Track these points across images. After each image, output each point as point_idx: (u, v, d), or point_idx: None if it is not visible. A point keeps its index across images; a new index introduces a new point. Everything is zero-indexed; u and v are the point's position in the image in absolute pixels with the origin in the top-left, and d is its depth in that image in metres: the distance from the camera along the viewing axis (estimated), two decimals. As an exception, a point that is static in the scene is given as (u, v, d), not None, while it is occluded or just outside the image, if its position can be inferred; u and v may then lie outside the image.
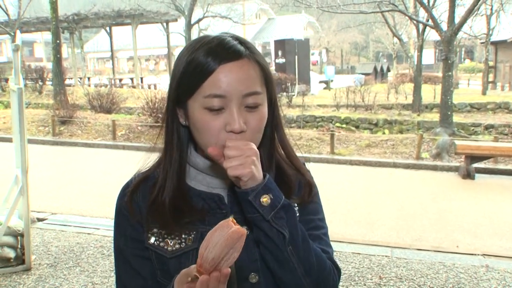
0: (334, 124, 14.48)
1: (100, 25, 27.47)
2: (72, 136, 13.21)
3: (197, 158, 1.12)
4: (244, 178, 0.97)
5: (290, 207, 1.04)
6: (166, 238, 1.09)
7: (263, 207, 0.99)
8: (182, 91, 1.06)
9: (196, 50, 1.04)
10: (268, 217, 1.00)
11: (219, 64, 1.01)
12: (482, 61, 30.42)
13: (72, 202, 7.20)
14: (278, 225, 1.01)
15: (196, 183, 1.12)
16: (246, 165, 0.97)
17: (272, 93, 1.11)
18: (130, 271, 1.13)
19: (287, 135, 1.20)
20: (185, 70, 1.04)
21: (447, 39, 11.45)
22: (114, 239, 1.17)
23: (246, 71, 1.03)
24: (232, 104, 1.01)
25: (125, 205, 1.14)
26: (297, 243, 1.03)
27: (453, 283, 4.29)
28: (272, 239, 1.01)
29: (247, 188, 0.99)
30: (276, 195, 1.01)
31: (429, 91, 18.37)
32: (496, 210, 6.99)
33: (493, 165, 9.67)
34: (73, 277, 4.38)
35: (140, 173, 1.19)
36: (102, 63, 55.74)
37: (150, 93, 13.98)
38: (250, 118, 1.03)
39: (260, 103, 1.05)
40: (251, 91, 1.03)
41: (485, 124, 13.53)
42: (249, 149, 0.99)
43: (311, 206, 1.19)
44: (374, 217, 6.63)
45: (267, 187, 1.00)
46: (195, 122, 1.05)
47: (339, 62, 56.13)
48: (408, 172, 9.67)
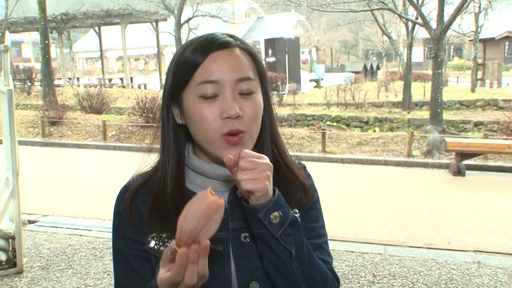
0: (325, 123, 14.50)
1: (89, 25, 27.30)
2: (62, 137, 13.12)
3: (195, 160, 1.11)
4: (258, 193, 0.95)
5: (297, 223, 1.02)
6: (166, 242, 1.07)
7: (272, 224, 0.97)
8: (176, 85, 1.06)
9: (185, 50, 1.05)
10: (276, 234, 0.98)
11: (208, 54, 1.01)
12: (470, 59, 30.63)
13: (63, 203, 7.15)
14: (285, 242, 0.99)
15: (195, 186, 1.10)
16: (261, 180, 0.95)
17: (266, 88, 1.11)
18: (130, 273, 1.12)
19: (280, 136, 1.19)
20: (176, 68, 1.05)
21: (436, 37, 11.50)
22: (113, 241, 1.15)
23: (237, 58, 1.03)
24: (225, 89, 1.01)
25: (124, 208, 1.12)
26: (303, 260, 1.02)
27: (445, 279, 4.31)
28: (279, 256, 1.00)
29: (257, 205, 0.96)
30: (285, 211, 0.99)
31: (419, 88, 18.45)
32: (486, 207, 7.04)
33: (483, 162, 9.75)
34: (66, 279, 4.35)
35: (139, 175, 1.17)
36: (91, 63, 55.42)
37: (140, 93, 13.92)
38: (245, 105, 1.02)
39: (254, 91, 1.04)
40: (243, 76, 1.02)
41: (474, 121, 13.61)
42: (265, 163, 0.96)
43: (312, 213, 1.17)
44: (366, 215, 6.65)
45: (277, 204, 0.98)
46: (190, 114, 1.04)
47: (329, 61, 56.25)
48: (399, 170, 9.71)
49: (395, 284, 4.22)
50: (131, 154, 11.20)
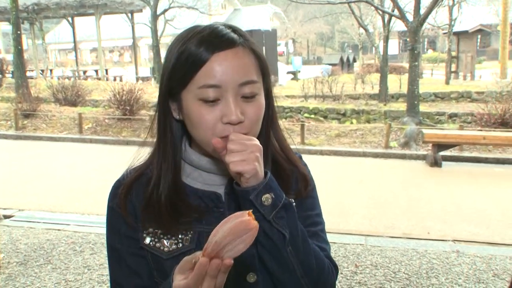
0: (303, 115, 14.56)
1: (62, 15, 26.73)
2: (37, 130, 12.85)
3: (192, 154, 1.08)
4: (247, 174, 0.94)
5: (291, 206, 1.01)
6: (162, 239, 1.05)
7: (264, 206, 0.96)
8: (175, 83, 1.01)
9: (187, 41, 1.00)
10: (269, 217, 0.96)
11: (212, 53, 0.97)
12: (444, 51, 31.08)
13: (39, 197, 7.01)
14: (278, 225, 0.98)
15: (192, 180, 1.08)
16: (249, 161, 0.93)
17: (268, 84, 1.08)
18: (125, 270, 1.09)
19: (280, 128, 1.17)
20: (177, 61, 1.00)
21: (413, 30, 11.62)
22: (107, 237, 1.12)
23: (241, 59, 0.99)
24: (228, 94, 0.97)
25: (118, 204, 1.08)
26: (297, 244, 1.01)
27: (426, 269, 4.37)
28: (272, 239, 0.98)
29: (248, 187, 0.95)
30: (277, 194, 0.98)
31: (395, 81, 18.66)
32: (463, 197, 7.17)
33: (459, 152, 9.92)
34: (45, 275, 4.27)
35: (132, 169, 1.13)
36: (64, 55, 54.38)
37: (117, 85, 13.73)
38: (247, 108, 1.00)
39: (257, 93, 1.01)
40: (247, 79, 0.99)
41: (449, 113, 13.86)
42: (253, 144, 0.95)
43: (308, 201, 1.16)
44: (346, 206, 6.70)
45: (268, 186, 0.97)
46: (189, 115, 1.00)
47: (305, 53, 56.37)
48: (378, 161, 9.81)
49: (377, 274, 4.26)
50: (108, 147, 11.07)
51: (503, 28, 24.18)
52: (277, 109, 1.16)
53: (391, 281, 4.11)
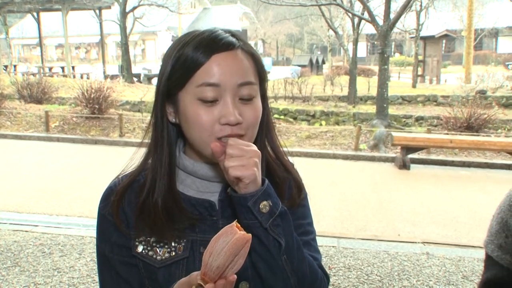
0: (273, 116, 14.55)
1: (27, 10, 26.03)
2: (1, 128, 12.47)
3: (185, 160, 1.07)
4: (246, 180, 0.93)
5: (287, 214, 1.01)
6: (154, 247, 1.04)
7: (262, 214, 0.96)
8: (172, 84, 1.00)
9: (186, 45, 1.00)
10: (266, 224, 0.96)
11: (211, 54, 0.97)
12: (411, 55, 31.70)
13: (5, 198, 6.80)
14: (275, 233, 0.97)
15: (185, 187, 1.07)
16: (248, 167, 0.93)
17: (264, 89, 1.08)
18: (116, 279, 1.07)
19: (276, 134, 1.17)
20: (175, 64, 1.00)
21: (383, 34, 11.81)
22: (97, 245, 1.10)
23: (240, 61, 1.00)
24: (226, 94, 0.97)
25: (110, 212, 1.06)
26: (292, 252, 1.00)
27: (398, 271, 4.45)
28: (268, 247, 0.98)
29: (247, 193, 0.94)
30: (274, 201, 0.98)
31: (363, 83, 18.93)
32: (431, 199, 7.32)
33: (426, 155, 10.12)
34: (13, 277, 4.16)
35: (124, 176, 1.11)
36: (28, 50, 52.98)
37: (85, 83, 13.46)
38: (245, 111, 0.99)
39: (255, 95, 1.02)
40: (246, 80, 0.99)
41: (416, 116, 14.14)
42: (252, 150, 0.95)
43: (300, 210, 1.16)
44: (318, 208, 6.74)
45: (266, 193, 0.96)
46: (187, 116, 0.99)
47: (275, 54, 56.58)
48: (348, 163, 9.92)
49: (351, 276, 4.31)
50: (76, 146, 10.83)
51: (468, 33, 24.83)
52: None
53: (364, 284, 4.16)
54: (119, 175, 1.12)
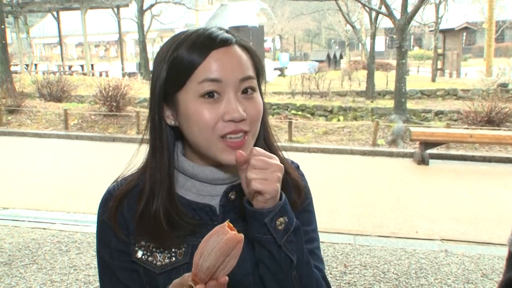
0: (290, 111, 14.54)
1: (47, 9, 26.38)
2: (21, 126, 12.67)
3: (185, 163, 1.03)
4: (267, 195, 0.90)
5: (299, 229, 0.98)
6: (154, 252, 1.01)
7: (278, 230, 0.92)
8: (171, 84, 0.97)
9: (179, 47, 0.96)
10: (281, 241, 0.93)
11: (208, 53, 0.94)
12: (430, 49, 31.27)
13: (24, 195, 6.90)
14: (288, 250, 0.94)
15: (185, 191, 1.04)
16: (272, 181, 0.89)
17: (260, 84, 1.05)
18: (116, 285, 1.06)
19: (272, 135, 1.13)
20: (171, 66, 0.97)
21: (400, 27, 11.65)
22: (97, 250, 1.09)
23: (239, 56, 0.97)
24: (229, 90, 0.95)
25: (109, 217, 1.04)
26: (302, 269, 0.98)
27: (415, 268, 4.38)
28: (279, 263, 0.95)
29: (264, 209, 0.91)
30: (290, 217, 0.95)
31: (382, 78, 18.73)
32: (450, 195, 7.20)
33: (446, 150, 9.97)
34: (30, 275, 4.20)
35: (124, 180, 1.08)
36: (49, 49, 53.69)
37: (103, 81, 13.58)
38: (248, 106, 0.97)
39: (255, 90, 1.00)
40: (246, 75, 0.97)
41: (435, 110, 13.93)
42: (276, 164, 0.91)
43: (305, 216, 1.12)
44: (335, 204, 6.69)
45: (283, 209, 0.93)
46: (188, 115, 0.96)
47: (292, 49, 56.39)
48: (365, 159, 9.83)
49: (367, 274, 4.26)
50: (94, 143, 10.94)
51: (489, 26, 24.39)
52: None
53: (380, 282, 4.10)
54: (117, 178, 1.10)
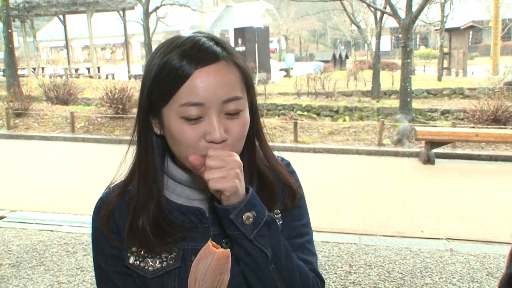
0: (296, 112, 14.55)
1: (53, 13, 26.55)
2: (28, 129, 12.77)
3: (174, 169, 1.05)
4: (227, 192, 0.91)
5: (274, 223, 0.99)
6: (146, 258, 1.04)
7: (245, 225, 0.94)
8: (156, 98, 0.97)
9: (169, 53, 0.96)
10: (250, 236, 0.94)
11: (195, 68, 0.93)
12: (436, 48, 31.16)
13: (32, 198, 6.96)
14: (260, 244, 0.95)
15: (175, 196, 1.05)
16: (229, 178, 0.91)
17: (252, 96, 1.04)
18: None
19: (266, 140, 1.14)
20: (158, 75, 0.96)
21: (405, 27, 11.64)
22: (93, 256, 1.11)
23: (225, 75, 0.95)
24: (211, 111, 0.94)
25: (101, 223, 1.07)
26: (280, 261, 0.99)
27: (420, 268, 4.38)
28: (254, 258, 0.96)
29: (229, 205, 0.93)
30: (259, 211, 0.95)
31: (387, 77, 18.69)
32: (456, 194, 7.19)
33: (452, 150, 9.94)
34: (38, 276, 4.24)
35: (115, 186, 1.10)
36: (56, 52, 53.99)
37: (109, 84, 13.65)
38: (231, 126, 0.96)
39: (241, 109, 0.97)
40: (231, 96, 0.95)
41: (441, 109, 13.88)
42: (233, 160, 0.92)
43: (295, 211, 1.14)
44: (340, 204, 6.70)
45: (250, 204, 0.94)
46: (171, 133, 0.96)
47: (298, 50, 56.37)
48: (371, 159, 9.83)
49: (372, 273, 4.26)
50: (101, 146, 11.01)
51: (495, 24, 24.28)
52: (270, 107, 1.12)
53: (385, 281, 4.11)
54: (110, 185, 1.12)
